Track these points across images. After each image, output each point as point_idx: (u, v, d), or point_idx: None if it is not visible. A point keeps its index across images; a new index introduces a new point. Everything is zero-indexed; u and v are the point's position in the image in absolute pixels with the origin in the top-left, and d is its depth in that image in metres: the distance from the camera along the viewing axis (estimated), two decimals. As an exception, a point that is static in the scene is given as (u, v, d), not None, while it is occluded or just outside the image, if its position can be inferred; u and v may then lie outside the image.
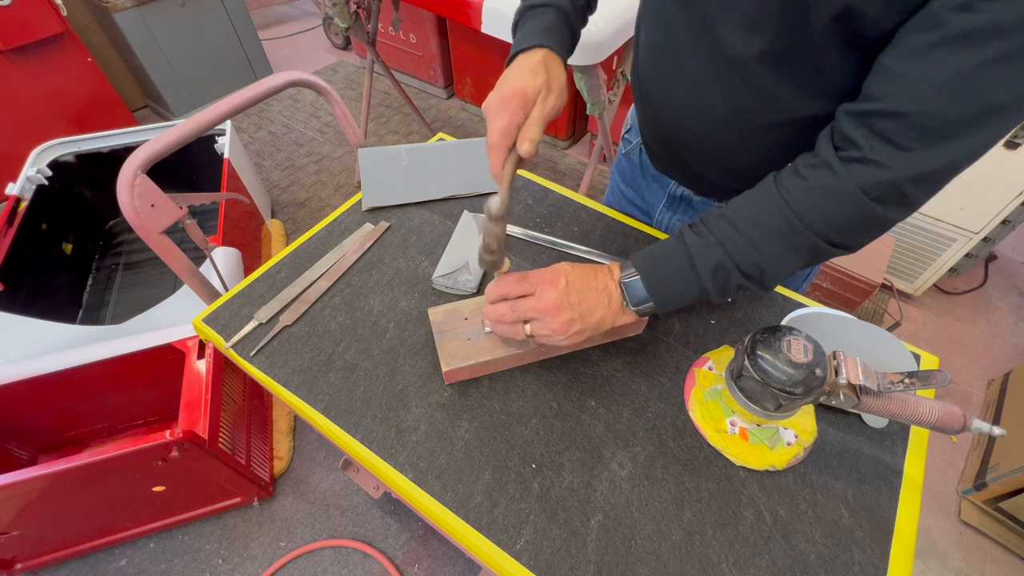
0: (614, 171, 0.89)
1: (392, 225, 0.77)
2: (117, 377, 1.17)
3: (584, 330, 0.51)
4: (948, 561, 1.29)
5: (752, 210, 0.48)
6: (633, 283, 0.51)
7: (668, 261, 0.50)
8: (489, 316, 0.54)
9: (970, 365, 1.68)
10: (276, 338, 0.63)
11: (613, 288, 0.52)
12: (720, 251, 0.48)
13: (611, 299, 0.52)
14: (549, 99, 0.50)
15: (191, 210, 0.81)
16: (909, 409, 0.47)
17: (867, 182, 0.43)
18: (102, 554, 1.24)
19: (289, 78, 0.86)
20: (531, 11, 0.58)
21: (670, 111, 0.61)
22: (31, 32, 1.79)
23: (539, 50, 0.53)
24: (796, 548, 0.48)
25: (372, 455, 0.54)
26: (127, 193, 0.73)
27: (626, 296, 0.52)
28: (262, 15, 3.36)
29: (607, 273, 0.53)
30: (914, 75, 0.39)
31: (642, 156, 0.77)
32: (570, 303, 0.50)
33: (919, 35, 0.39)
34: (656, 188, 0.77)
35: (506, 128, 0.48)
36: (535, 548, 0.48)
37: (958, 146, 0.40)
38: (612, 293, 0.52)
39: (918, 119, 0.40)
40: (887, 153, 0.41)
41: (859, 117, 0.43)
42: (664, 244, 0.51)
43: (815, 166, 0.45)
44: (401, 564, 1.24)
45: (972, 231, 1.55)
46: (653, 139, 0.70)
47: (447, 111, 2.67)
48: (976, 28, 0.36)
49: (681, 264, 0.49)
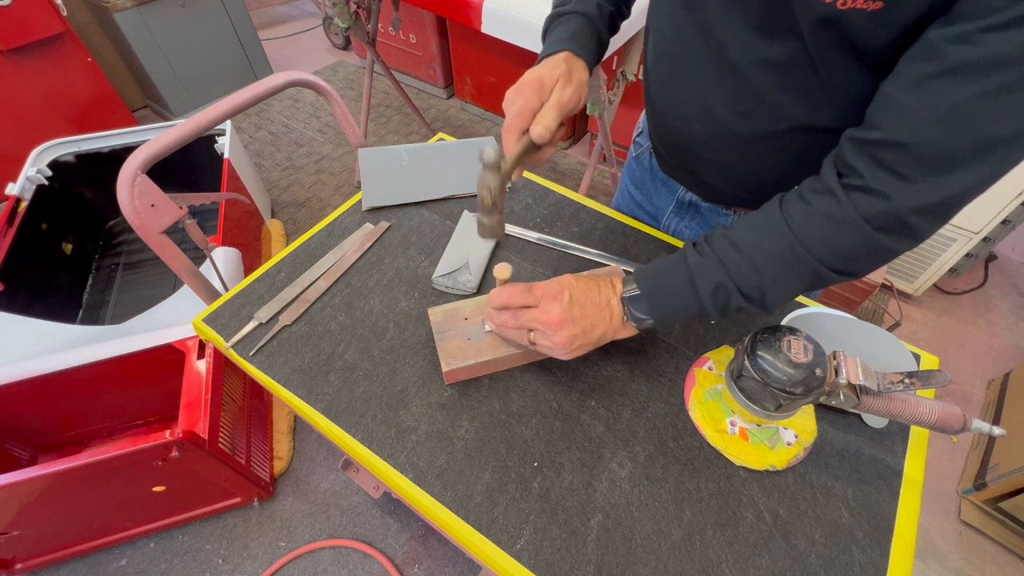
0: (624, 174, 0.88)
1: (392, 225, 0.77)
2: (117, 377, 1.17)
3: (586, 344, 0.52)
4: (948, 561, 1.29)
5: (755, 233, 0.47)
6: (634, 299, 0.51)
7: (669, 279, 0.50)
8: (492, 320, 0.55)
9: (970, 365, 1.68)
10: (276, 338, 0.63)
11: (615, 304, 0.52)
12: (721, 271, 0.47)
13: (612, 315, 0.52)
14: (567, 89, 0.50)
15: (191, 210, 0.81)
16: (909, 409, 0.47)
17: (869, 212, 0.42)
18: (102, 554, 1.24)
19: (289, 78, 0.86)
20: (558, 19, 0.59)
21: (677, 116, 0.61)
22: (31, 32, 1.79)
23: (562, 53, 0.54)
24: (796, 548, 0.48)
25: (372, 455, 0.54)
26: (127, 193, 0.73)
27: (627, 311, 0.52)
28: (262, 15, 3.36)
29: (609, 287, 0.53)
30: (915, 105, 0.39)
31: (652, 160, 0.77)
32: (573, 318, 0.50)
33: (919, 65, 0.39)
34: (665, 193, 0.77)
35: (520, 110, 0.48)
36: (535, 548, 0.48)
37: (960, 179, 0.39)
38: (614, 309, 0.52)
39: (919, 150, 0.39)
40: (889, 183, 0.41)
41: (861, 145, 0.42)
42: (666, 261, 0.51)
43: (819, 191, 0.45)
44: (401, 564, 1.24)
45: (972, 231, 1.55)
46: (661, 144, 0.70)
47: (447, 111, 2.67)
48: (974, 61, 0.35)
49: (682, 282, 0.49)
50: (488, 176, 0.48)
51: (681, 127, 0.62)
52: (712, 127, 0.58)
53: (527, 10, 1.38)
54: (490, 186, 0.48)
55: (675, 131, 0.63)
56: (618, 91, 1.53)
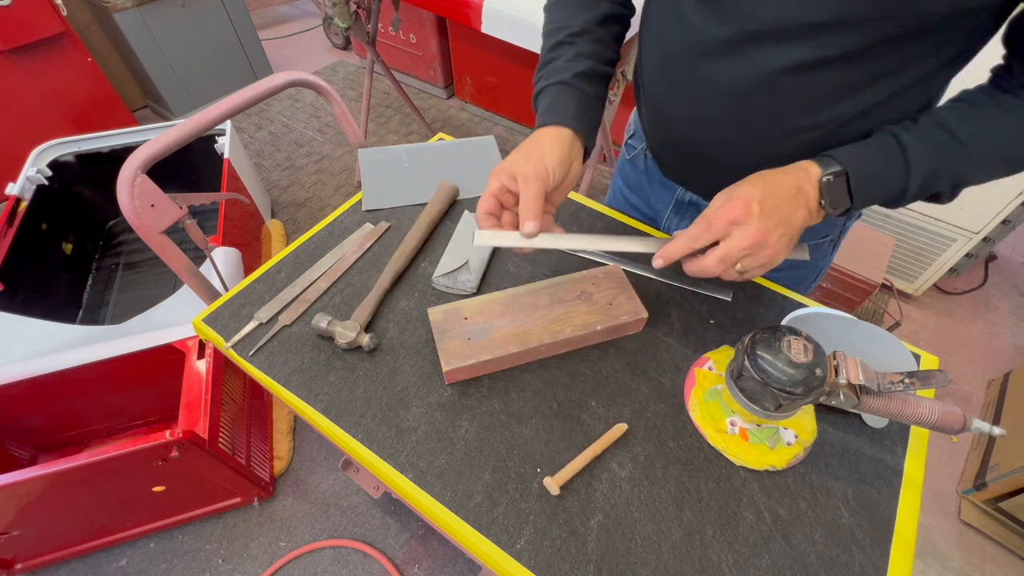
0: (616, 175, 0.88)
1: (392, 225, 0.77)
2: (117, 377, 1.17)
3: (793, 236, 0.48)
4: (948, 561, 1.29)
5: (971, 124, 0.48)
6: (838, 181, 0.48)
7: (880, 161, 0.49)
8: (693, 273, 0.51)
9: (970, 365, 1.68)
10: (276, 338, 0.63)
11: (810, 189, 0.49)
12: (938, 158, 0.48)
13: (808, 199, 0.49)
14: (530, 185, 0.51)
15: (191, 210, 0.81)
16: (909, 409, 0.47)
17: None
18: (102, 554, 1.24)
19: (289, 78, 0.86)
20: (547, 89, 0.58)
21: (684, 120, 0.60)
22: (31, 32, 1.79)
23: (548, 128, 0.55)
24: (796, 548, 0.48)
25: (372, 455, 0.54)
26: (127, 193, 0.73)
27: (824, 195, 0.49)
28: (262, 15, 3.36)
29: (798, 173, 0.49)
30: None
31: (647, 162, 0.76)
32: (773, 224, 0.46)
33: None
34: (663, 193, 0.76)
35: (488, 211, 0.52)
36: (535, 548, 0.48)
37: None
38: (809, 194, 0.49)
39: None
40: None
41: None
42: (869, 145, 0.50)
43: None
44: (401, 564, 1.24)
45: (972, 231, 1.55)
46: (662, 147, 0.69)
47: (447, 111, 2.67)
48: None
49: (894, 164, 0.48)
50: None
51: (688, 131, 0.60)
52: (725, 130, 0.57)
53: (527, 10, 1.38)
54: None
55: (681, 135, 0.62)
56: (618, 91, 1.53)
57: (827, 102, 0.51)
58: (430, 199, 0.78)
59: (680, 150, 0.65)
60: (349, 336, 0.60)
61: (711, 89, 0.55)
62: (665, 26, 0.57)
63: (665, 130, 0.65)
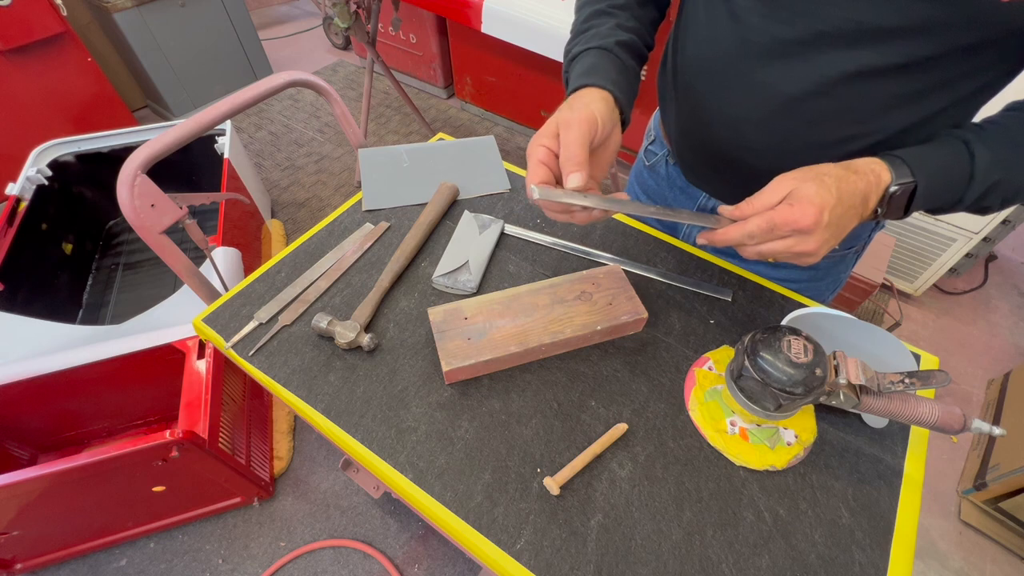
0: (633, 181, 0.85)
1: (392, 225, 0.77)
2: (117, 377, 1.17)
3: (836, 244, 0.47)
4: (948, 561, 1.29)
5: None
6: (902, 192, 0.46)
7: (949, 173, 0.47)
8: (716, 244, 0.49)
9: (970, 365, 1.68)
10: (276, 338, 0.63)
11: (874, 199, 0.46)
12: (1002, 170, 0.46)
13: (867, 209, 0.47)
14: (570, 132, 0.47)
15: (191, 210, 0.81)
16: (909, 409, 0.47)
17: None
18: (102, 554, 1.24)
19: (289, 78, 0.86)
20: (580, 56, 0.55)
21: (726, 123, 0.57)
22: (31, 32, 1.79)
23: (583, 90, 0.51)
24: (796, 548, 0.48)
25: (372, 455, 0.54)
26: (127, 193, 0.73)
27: (884, 204, 0.47)
28: (262, 15, 3.36)
29: (869, 178, 0.46)
30: None
31: (668, 168, 0.74)
32: (831, 234, 0.44)
33: None
34: (684, 200, 0.74)
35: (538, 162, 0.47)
36: (535, 548, 0.48)
37: None
38: (870, 204, 0.47)
39: None
40: None
41: None
42: (941, 153, 0.47)
43: None
44: (401, 564, 1.24)
45: (972, 231, 1.55)
46: (692, 150, 0.66)
47: (447, 111, 2.67)
48: None
49: (961, 176, 0.47)
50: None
51: (728, 135, 0.58)
52: (771, 135, 0.54)
53: (527, 10, 1.39)
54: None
55: (720, 138, 0.59)
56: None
57: (884, 111, 0.49)
58: (430, 199, 0.78)
59: (714, 153, 0.62)
60: (349, 336, 0.60)
61: (763, 92, 0.52)
62: (714, 24, 0.54)
63: (701, 132, 0.62)
